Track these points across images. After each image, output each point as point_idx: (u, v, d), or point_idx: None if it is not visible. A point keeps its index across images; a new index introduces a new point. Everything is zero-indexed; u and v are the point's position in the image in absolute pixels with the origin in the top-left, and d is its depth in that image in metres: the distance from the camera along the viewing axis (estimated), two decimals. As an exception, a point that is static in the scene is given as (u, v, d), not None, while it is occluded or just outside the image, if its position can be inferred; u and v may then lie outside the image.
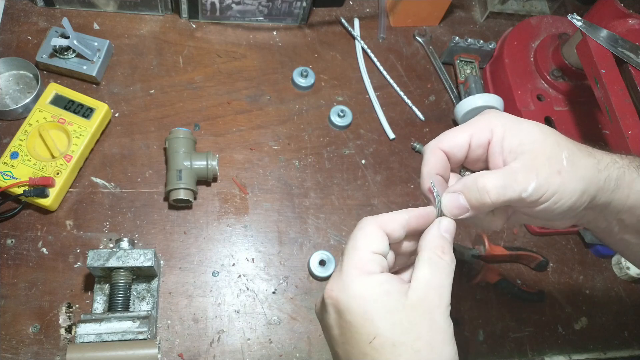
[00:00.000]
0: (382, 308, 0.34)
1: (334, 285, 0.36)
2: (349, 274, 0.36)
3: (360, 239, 0.37)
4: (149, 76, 0.78)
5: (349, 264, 0.36)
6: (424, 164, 0.42)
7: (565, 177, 0.38)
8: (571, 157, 0.38)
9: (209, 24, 0.84)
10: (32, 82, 0.74)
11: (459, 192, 0.39)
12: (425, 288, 0.35)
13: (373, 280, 0.35)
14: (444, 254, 0.37)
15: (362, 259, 0.36)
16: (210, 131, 0.76)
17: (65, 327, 0.61)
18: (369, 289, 0.35)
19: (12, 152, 0.66)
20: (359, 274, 0.36)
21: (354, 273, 0.36)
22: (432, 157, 0.41)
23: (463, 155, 0.41)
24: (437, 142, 0.41)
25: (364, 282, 0.35)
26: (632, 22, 0.74)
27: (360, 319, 0.34)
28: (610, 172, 0.40)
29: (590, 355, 0.73)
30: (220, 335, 0.65)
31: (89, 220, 0.68)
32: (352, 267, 0.36)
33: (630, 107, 0.67)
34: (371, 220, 0.38)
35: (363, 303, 0.35)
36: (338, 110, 0.80)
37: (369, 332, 0.34)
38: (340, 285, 0.36)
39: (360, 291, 0.35)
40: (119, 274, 0.60)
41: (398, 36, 0.91)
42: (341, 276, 0.36)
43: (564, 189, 0.38)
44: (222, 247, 0.69)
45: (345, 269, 0.36)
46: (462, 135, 0.41)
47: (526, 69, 0.84)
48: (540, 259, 0.75)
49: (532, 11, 0.97)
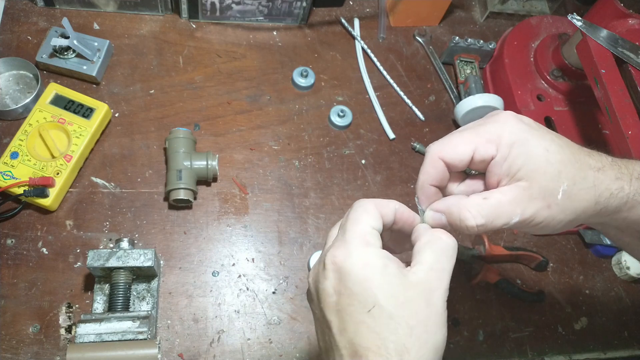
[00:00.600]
0: (383, 279, 0.35)
1: (338, 251, 0.36)
2: (353, 243, 0.36)
3: (362, 213, 0.38)
4: (149, 76, 0.78)
5: (353, 234, 0.37)
6: (421, 172, 0.41)
7: (554, 210, 0.37)
8: (569, 190, 0.37)
9: (209, 24, 0.84)
10: (32, 82, 0.74)
11: (442, 213, 0.40)
12: (427, 270, 0.36)
13: (375, 251, 0.36)
14: (447, 235, 0.38)
15: (364, 231, 0.37)
16: (210, 131, 0.76)
17: (65, 327, 0.61)
18: (372, 259, 0.36)
19: (12, 152, 0.66)
20: (362, 244, 0.36)
21: (358, 242, 0.36)
22: (431, 168, 0.40)
23: (464, 167, 0.40)
24: (439, 151, 0.40)
25: (368, 251, 0.36)
26: (632, 22, 0.74)
27: (362, 287, 0.35)
28: (609, 203, 0.38)
29: (590, 355, 0.73)
30: (220, 335, 0.65)
31: (89, 220, 0.68)
32: (356, 237, 0.37)
33: (630, 107, 0.67)
34: (369, 200, 0.40)
35: (366, 271, 0.35)
36: (338, 110, 0.80)
37: (367, 300, 0.34)
38: (344, 252, 0.36)
39: (364, 259, 0.35)
40: (119, 274, 0.60)
41: (398, 36, 0.91)
42: (345, 244, 0.36)
43: (551, 219, 0.38)
44: (222, 247, 0.69)
45: (349, 238, 0.37)
46: (466, 148, 0.39)
47: (526, 69, 0.84)
48: (540, 259, 0.75)
49: (532, 11, 0.97)
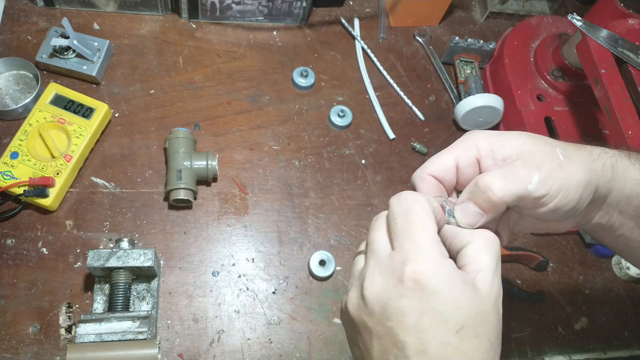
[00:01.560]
0: (467, 298, 0.33)
1: (417, 266, 0.32)
2: (432, 257, 0.33)
3: (425, 214, 0.35)
4: (149, 76, 0.78)
5: (427, 244, 0.33)
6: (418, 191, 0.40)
7: (567, 170, 0.37)
8: (565, 152, 0.38)
9: (209, 24, 0.84)
10: (32, 82, 0.74)
11: (467, 200, 0.38)
12: (492, 277, 0.34)
13: (451, 265, 0.33)
14: (494, 236, 0.36)
15: (436, 240, 0.34)
16: (210, 131, 0.76)
17: (65, 327, 0.61)
18: (454, 275, 0.33)
19: (12, 152, 0.66)
20: (439, 257, 0.33)
21: (436, 256, 0.33)
22: (423, 183, 0.40)
23: (452, 178, 0.40)
24: (423, 170, 0.40)
25: (447, 267, 0.33)
26: (632, 22, 0.74)
27: (451, 308, 0.32)
28: (604, 161, 0.40)
29: (590, 355, 0.73)
30: (220, 335, 0.65)
31: (89, 220, 0.68)
32: (432, 249, 0.33)
33: (630, 107, 0.67)
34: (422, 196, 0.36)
35: (453, 291, 0.32)
36: (338, 110, 0.80)
37: (456, 321, 0.32)
38: (426, 268, 0.32)
39: (448, 277, 0.32)
40: (119, 274, 0.60)
41: (398, 36, 0.91)
42: (424, 258, 0.33)
43: (569, 182, 0.37)
44: (222, 247, 0.69)
45: (427, 250, 0.33)
46: (447, 158, 0.39)
47: (526, 69, 0.84)
48: (540, 259, 0.75)
49: (532, 11, 0.97)
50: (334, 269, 0.70)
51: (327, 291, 0.69)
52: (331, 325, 0.67)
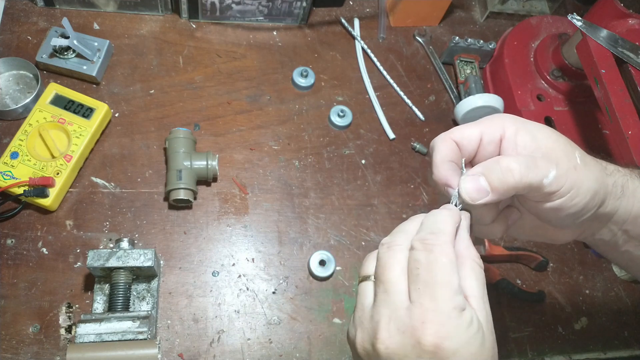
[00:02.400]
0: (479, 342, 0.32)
1: (438, 329, 0.32)
2: (451, 317, 0.32)
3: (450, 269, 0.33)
4: (149, 76, 0.78)
5: (447, 304, 0.32)
6: (436, 153, 0.39)
7: (581, 174, 0.37)
8: (583, 157, 0.38)
9: (209, 24, 0.84)
10: (32, 82, 0.74)
11: (480, 174, 0.37)
12: (484, 305, 0.34)
13: (467, 318, 0.32)
14: (479, 259, 0.36)
15: (457, 295, 0.33)
16: (210, 131, 0.76)
17: (65, 327, 0.61)
18: (469, 331, 0.32)
19: (12, 152, 0.66)
20: (457, 315, 0.32)
21: (455, 315, 0.32)
22: (444, 145, 0.39)
23: (474, 148, 0.40)
24: (448, 133, 0.40)
25: (464, 323, 0.32)
26: (632, 22, 0.74)
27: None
28: (616, 179, 0.40)
29: (590, 355, 0.73)
30: (220, 335, 0.65)
31: (89, 220, 0.68)
32: (452, 308, 0.32)
33: (630, 107, 0.67)
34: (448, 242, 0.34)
35: (470, 349, 0.32)
36: (338, 110, 0.80)
37: None
38: (446, 331, 0.31)
39: (465, 336, 0.32)
40: (119, 274, 0.60)
41: (398, 36, 0.91)
42: (444, 319, 0.32)
43: (580, 185, 0.37)
44: (222, 247, 0.69)
45: (446, 310, 0.32)
46: (473, 130, 0.40)
47: (526, 69, 0.84)
48: (540, 259, 0.75)
49: (532, 11, 0.97)
50: (334, 269, 0.70)
51: (327, 291, 0.69)
52: (331, 325, 0.67)
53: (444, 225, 0.35)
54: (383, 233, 0.74)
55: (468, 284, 0.34)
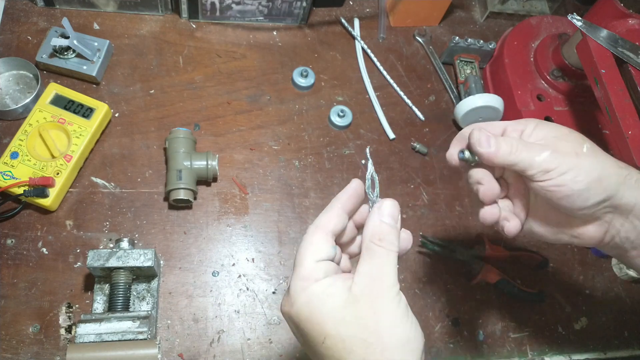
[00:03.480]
0: (326, 309, 0.36)
1: (284, 301, 0.38)
2: (294, 287, 0.37)
3: (304, 250, 0.38)
4: (149, 76, 0.78)
5: (295, 277, 0.38)
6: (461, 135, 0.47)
7: (583, 160, 0.41)
8: (593, 148, 0.42)
9: (209, 24, 0.84)
10: (32, 82, 0.74)
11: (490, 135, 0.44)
12: (366, 279, 0.36)
13: (316, 286, 0.37)
14: (380, 241, 0.38)
15: (306, 270, 0.37)
16: (210, 131, 0.76)
17: (65, 327, 0.61)
18: (313, 296, 0.36)
19: (12, 152, 0.66)
20: (303, 285, 0.37)
21: (299, 285, 0.37)
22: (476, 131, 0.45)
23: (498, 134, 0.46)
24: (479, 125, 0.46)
25: (308, 290, 0.37)
26: (632, 22, 0.74)
27: (309, 325, 0.36)
28: (631, 171, 0.43)
29: (590, 355, 0.73)
30: (220, 335, 0.65)
31: (89, 220, 0.68)
32: (298, 279, 0.37)
33: (630, 107, 0.67)
34: (312, 228, 0.40)
35: (308, 309, 0.36)
36: (338, 110, 0.80)
37: (318, 334, 0.36)
38: (288, 300, 0.38)
39: (304, 300, 0.36)
40: (119, 274, 0.60)
41: (398, 36, 0.91)
42: (289, 291, 0.38)
43: (581, 167, 0.41)
44: (222, 247, 0.69)
45: (291, 283, 0.38)
46: (499, 124, 0.47)
47: (526, 69, 0.84)
48: (540, 259, 0.75)
49: (532, 11, 0.97)
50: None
51: (327, 291, 0.69)
52: (331, 325, 0.67)
53: (322, 214, 0.41)
54: (383, 233, 0.74)
55: (359, 263, 0.38)
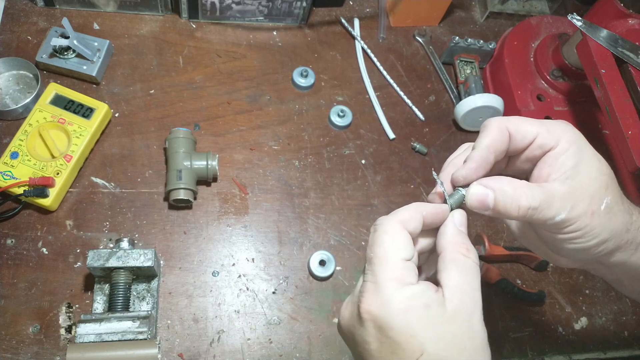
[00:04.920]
0: (426, 323, 0.33)
1: (372, 300, 0.34)
2: (387, 287, 0.33)
3: (390, 245, 0.35)
4: (149, 76, 0.78)
5: (385, 275, 0.34)
6: (485, 135, 0.38)
7: (595, 220, 0.37)
8: (611, 206, 0.37)
9: (209, 24, 0.84)
10: (32, 82, 0.74)
11: (492, 189, 0.36)
12: (460, 295, 0.34)
13: (412, 292, 0.33)
14: (468, 251, 0.35)
15: (397, 269, 0.34)
16: (210, 131, 0.76)
17: (65, 327, 0.61)
18: (410, 303, 0.33)
19: (12, 152, 0.66)
20: (397, 287, 0.33)
21: (392, 286, 0.33)
22: (498, 131, 0.38)
23: (523, 146, 0.39)
24: (506, 120, 0.38)
25: (404, 295, 0.33)
26: (632, 22, 0.74)
27: (405, 336, 0.33)
28: (636, 235, 0.39)
29: (590, 355, 0.73)
30: (220, 335, 0.65)
31: (89, 220, 0.68)
32: (389, 278, 0.34)
33: (630, 107, 0.67)
34: (394, 222, 0.36)
35: (406, 318, 0.33)
36: (338, 110, 0.80)
37: (414, 348, 0.33)
38: (379, 301, 0.33)
39: (402, 306, 0.33)
40: (119, 274, 0.60)
41: (398, 36, 0.91)
42: (379, 290, 0.34)
43: (590, 230, 0.37)
44: (222, 247, 0.69)
45: (382, 281, 0.34)
46: (532, 128, 0.38)
47: (526, 69, 0.84)
48: (540, 259, 0.75)
49: (532, 11, 0.97)
50: (334, 269, 0.70)
51: (327, 291, 0.69)
52: (331, 325, 0.67)
53: (401, 211, 0.37)
54: (383, 233, 0.74)
55: (446, 275, 0.35)
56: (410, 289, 0.34)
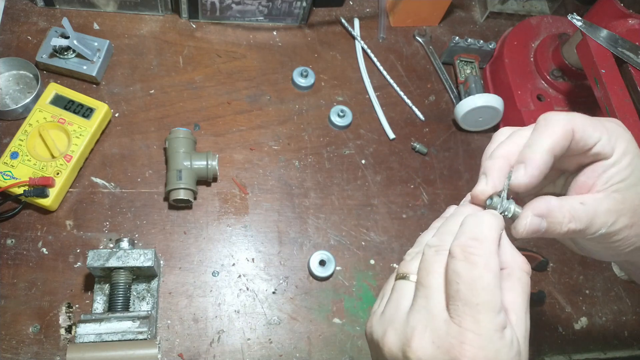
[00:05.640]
0: None
1: (477, 353, 0.29)
2: (492, 341, 0.30)
3: (494, 287, 0.30)
4: (149, 76, 0.78)
5: (490, 325, 0.30)
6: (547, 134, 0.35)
7: (633, 232, 0.37)
8: None
9: (209, 24, 0.84)
10: (32, 82, 0.74)
11: (543, 217, 0.35)
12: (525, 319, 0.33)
13: (507, 337, 0.30)
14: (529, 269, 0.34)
15: (499, 314, 0.30)
16: (210, 131, 0.76)
17: (65, 327, 0.61)
18: (510, 351, 0.30)
19: (12, 152, 0.66)
20: (500, 336, 0.30)
21: (497, 337, 0.30)
22: (563, 134, 0.34)
23: (583, 151, 0.36)
24: (571, 119, 0.35)
25: (505, 344, 0.30)
26: (632, 22, 0.74)
27: None
28: None
29: (590, 355, 0.73)
30: (220, 335, 0.65)
31: (89, 220, 0.68)
32: (494, 330, 0.30)
33: (630, 107, 0.67)
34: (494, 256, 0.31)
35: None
36: (338, 110, 0.80)
37: None
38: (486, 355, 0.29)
39: (507, 357, 0.30)
40: (119, 274, 0.60)
41: (398, 36, 0.91)
42: (484, 343, 0.30)
43: (626, 240, 0.37)
44: (222, 247, 0.69)
45: (487, 332, 0.30)
46: (595, 132, 0.35)
47: (526, 69, 0.84)
48: (540, 259, 0.75)
49: (532, 11, 0.97)
50: (334, 269, 0.70)
51: (327, 291, 0.69)
52: (331, 325, 0.67)
53: (489, 232, 0.32)
54: (383, 233, 0.74)
55: (511, 297, 0.32)
56: (507, 334, 0.30)
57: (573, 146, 0.35)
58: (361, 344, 0.67)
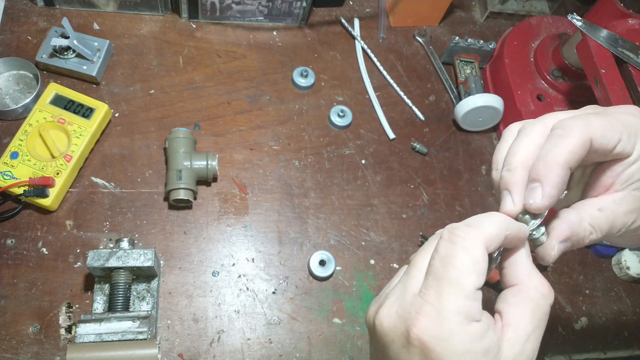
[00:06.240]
0: None
1: (429, 329, 0.29)
2: (451, 321, 0.29)
3: (467, 269, 0.30)
4: (149, 76, 0.78)
5: (453, 305, 0.29)
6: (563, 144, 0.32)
7: None
8: None
9: (209, 24, 0.84)
10: (32, 82, 0.74)
11: (568, 240, 0.34)
12: (524, 342, 0.31)
13: (476, 332, 0.30)
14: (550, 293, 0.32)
15: (468, 300, 0.30)
16: (210, 131, 0.76)
17: (65, 327, 0.61)
18: (472, 347, 0.29)
19: (12, 152, 0.66)
20: (462, 322, 0.29)
21: (457, 320, 0.29)
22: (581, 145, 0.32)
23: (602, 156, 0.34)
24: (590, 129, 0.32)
25: (468, 335, 0.29)
26: (632, 22, 0.74)
27: None
28: None
29: (590, 355, 0.73)
30: (220, 335, 0.65)
31: (89, 220, 0.68)
32: (456, 311, 0.29)
33: (630, 107, 0.67)
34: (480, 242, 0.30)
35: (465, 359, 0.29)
36: (338, 110, 0.80)
37: None
38: (438, 333, 0.29)
39: (461, 347, 0.29)
40: (119, 274, 0.60)
41: (398, 36, 0.91)
42: (441, 321, 0.29)
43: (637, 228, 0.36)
44: (222, 247, 0.69)
45: (447, 311, 0.29)
46: (615, 134, 0.33)
47: (526, 69, 0.84)
48: (540, 259, 0.75)
49: (532, 11, 0.97)
50: (334, 269, 0.70)
51: (327, 291, 0.69)
52: (331, 325, 0.67)
53: (487, 225, 0.31)
54: (383, 233, 0.74)
55: (514, 312, 0.32)
56: (474, 327, 0.30)
57: (592, 153, 0.33)
58: (361, 344, 0.67)
